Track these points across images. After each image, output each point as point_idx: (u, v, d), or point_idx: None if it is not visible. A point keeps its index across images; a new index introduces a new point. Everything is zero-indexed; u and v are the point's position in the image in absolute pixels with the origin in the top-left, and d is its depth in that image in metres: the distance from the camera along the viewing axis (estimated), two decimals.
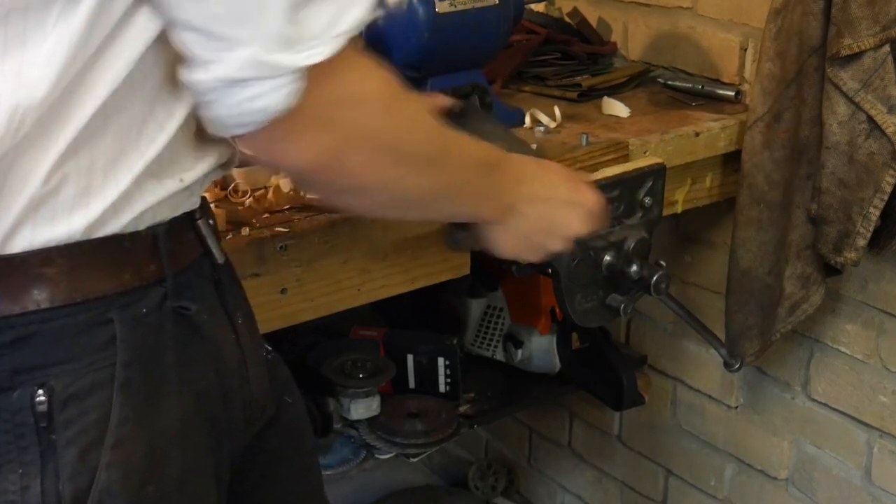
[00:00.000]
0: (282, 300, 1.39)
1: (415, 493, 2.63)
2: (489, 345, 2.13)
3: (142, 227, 0.93)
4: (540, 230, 1.19)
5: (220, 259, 1.02)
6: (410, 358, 2.00)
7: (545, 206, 1.18)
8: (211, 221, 1.02)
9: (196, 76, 0.88)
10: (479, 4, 1.62)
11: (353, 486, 2.57)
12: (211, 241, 1.01)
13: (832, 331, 1.91)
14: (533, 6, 2.06)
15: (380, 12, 1.51)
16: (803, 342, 1.96)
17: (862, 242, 1.69)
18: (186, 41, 0.87)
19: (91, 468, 0.91)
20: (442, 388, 2.00)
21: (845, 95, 1.64)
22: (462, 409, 2.02)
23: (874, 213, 1.66)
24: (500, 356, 2.13)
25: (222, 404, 1.02)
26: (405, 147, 0.98)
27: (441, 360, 1.99)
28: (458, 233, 1.31)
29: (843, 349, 1.90)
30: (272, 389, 1.15)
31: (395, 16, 1.57)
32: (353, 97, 0.92)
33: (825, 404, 1.95)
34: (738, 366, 1.67)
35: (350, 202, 1.05)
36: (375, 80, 0.94)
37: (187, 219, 0.98)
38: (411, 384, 2.00)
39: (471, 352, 2.14)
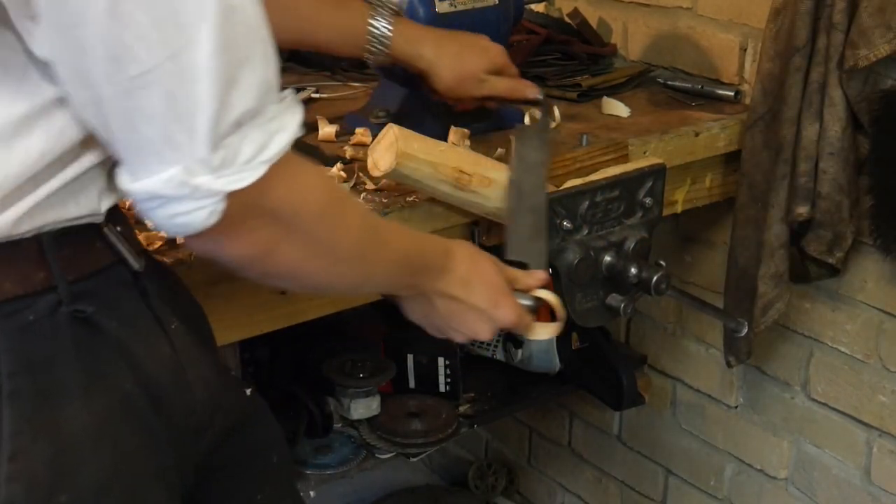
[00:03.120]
0: (282, 300, 1.39)
1: (415, 493, 2.63)
2: (489, 345, 2.13)
3: (21, 232, 0.91)
4: (444, 322, 1.24)
5: (136, 266, 1.01)
6: (410, 358, 2.00)
7: (456, 306, 1.22)
8: (120, 228, 1.00)
9: (125, 185, 0.91)
10: (479, 4, 1.62)
11: (353, 486, 2.57)
12: (123, 248, 0.99)
13: (832, 331, 1.91)
14: (533, 6, 2.06)
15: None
16: (803, 342, 1.96)
17: (850, 242, 1.75)
18: (113, 150, 0.90)
19: None
20: (442, 388, 2.00)
21: (851, 103, 1.66)
22: (462, 409, 2.02)
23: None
24: (500, 356, 2.13)
25: (152, 409, 1.00)
26: (334, 248, 1.04)
27: (441, 360, 1.99)
28: None
29: (842, 349, 1.90)
30: (231, 400, 1.14)
31: None
32: (287, 206, 0.96)
33: (825, 404, 1.95)
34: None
35: (276, 285, 1.19)
36: (312, 189, 0.99)
37: (90, 225, 0.97)
38: (411, 384, 2.00)
39: (471, 352, 2.14)
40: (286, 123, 0.93)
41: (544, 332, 1.32)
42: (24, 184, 0.90)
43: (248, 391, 1.20)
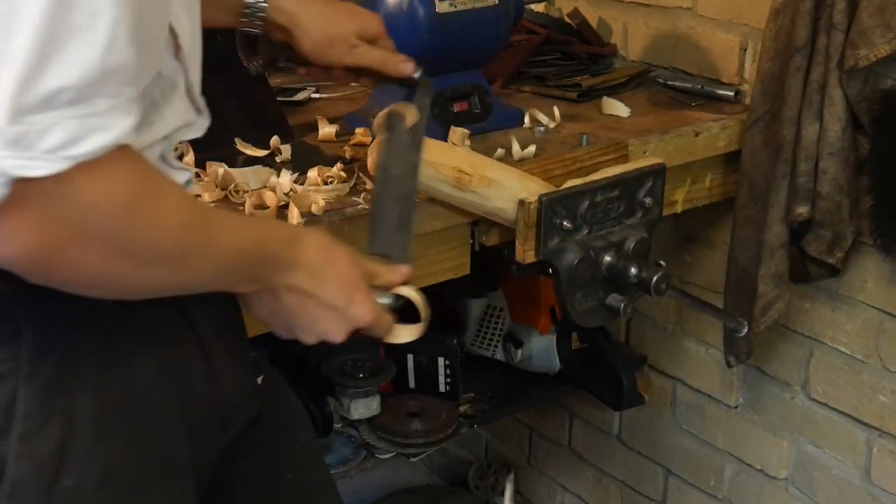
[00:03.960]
0: None
1: (415, 493, 2.63)
2: (489, 345, 2.13)
3: None
4: (292, 319, 1.08)
5: None
6: (410, 358, 2.00)
7: (304, 302, 1.06)
8: None
9: None
10: (479, 4, 1.62)
11: (353, 486, 2.57)
12: None
13: (832, 331, 1.91)
14: (533, 6, 2.06)
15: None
16: (803, 342, 1.96)
17: (850, 242, 1.74)
18: None
19: None
20: (442, 388, 2.00)
21: (851, 103, 1.66)
22: (462, 409, 2.02)
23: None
24: (500, 356, 2.13)
25: (172, 402, 1.00)
26: (143, 249, 0.90)
27: (441, 360, 1.99)
28: None
29: (842, 349, 1.90)
30: (255, 390, 1.14)
31: (395, 16, 1.57)
32: (83, 201, 0.84)
33: (825, 404, 1.95)
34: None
35: (77, 292, 0.93)
36: (116, 185, 0.86)
37: None
38: (411, 384, 2.01)
39: (471, 352, 2.14)
40: (111, 124, 0.83)
41: (405, 335, 1.16)
42: None
43: (260, 379, 1.19)
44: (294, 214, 1.36)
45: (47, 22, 0.77)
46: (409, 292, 1.16)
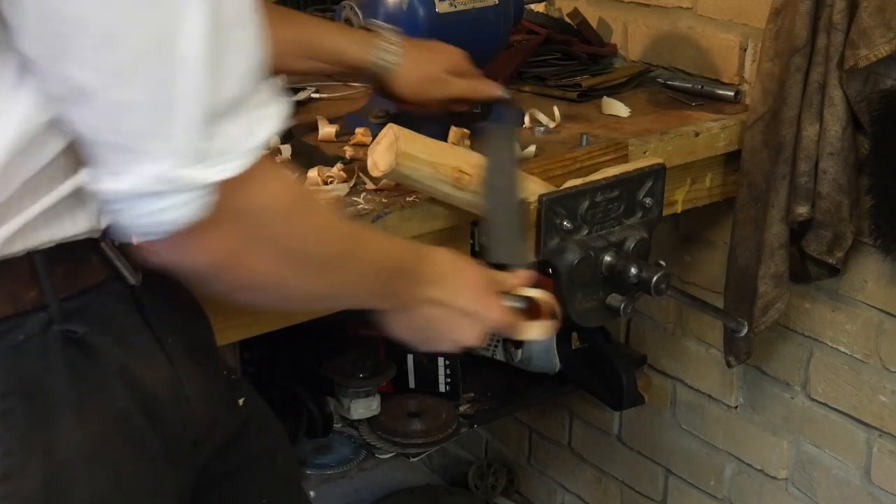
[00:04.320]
0: None
1: (415, 493, 2.63)
2: (489, 345, 2.13)
3: (14, 251, 0.90)
4: (431, 331, 1.17)
5: (132, 281, 0.99)
6: (410, 358, 2.00)
7: (442, 312, 1.16)
8: (117, 243, 0.97)
9: (105, 185, 0.86)
10: (479, 4, 1.62)
11: (353, 486, 2.57)
12: (120, 264, 0.97)
13: (832, 331, 1.91)
14: (533, 6, 2.06)
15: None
16: (803, 342, 1.96)
17: (850, 242, 1.74)
18: (94, 151, 0.86)
19: None
20: (442, 388, 2.00)
21: (851, 103, 1.66)
22: (462, 409, 2.02)
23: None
24: (500, 356, 2.13)
25: (149, 426, 0.99)
26: (304, 252, 0.98)
27: (441, 360, 1.99)
28: None
29: (842, 349, 1.90)
30: (231, 409, 1.14)
31: (395, 16, 1.57)
32: (257, 205, 0.92)
33: (825, 404, 1.95)
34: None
35: (247, 299, 1.02)
36: (280, 188, 0.94)
37: (87, 241, 0.94)
38: (411, 384, 2.01)
39: (471, 352, 2.14)
40: (272, 112, 0.90)
41: (536, 332, 1.26)
42: (9, 202, 0.87)
43: (241, 401, 1.18)
44: None
45: (209, 51, 0.83)
46: (535, 293, 1.26)
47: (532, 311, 1.26)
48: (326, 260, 1.01)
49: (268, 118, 0.90)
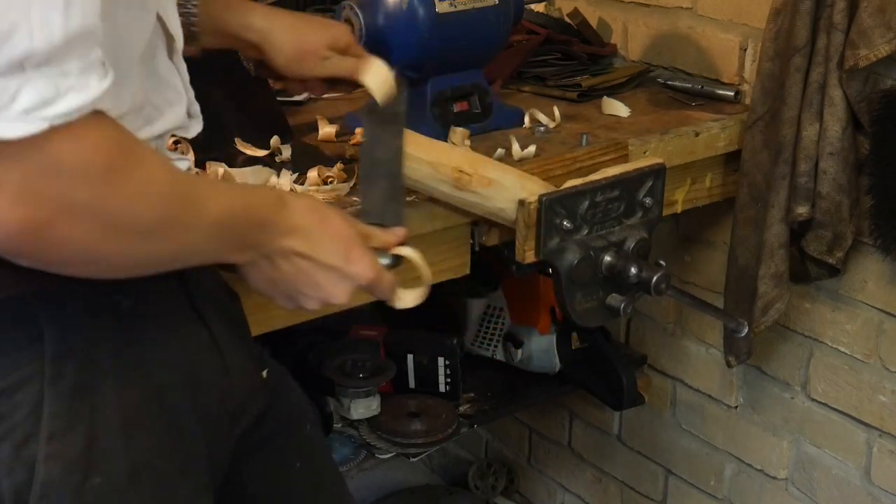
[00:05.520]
0: None
1: (415, 493, 2.63)
2: (489, 345, 2.13)
3: None
4: (294, 286, 1.06)
5: None
6: (410, 358, 2.00)
7: (303, 264, 1.04)
8: None
9: None
10: (479, 4, 1.62)
11: (353, 486, 2.56)
12: None
13: (832, 331, 1.91)
14: (533, 6, 2.06)
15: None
16: (803, 342, 1.96)
17: (850, 242, 1.74)
18: None
19: (28, 463, 0.92)
20: (442, 388, 2.00)
21: (851, 103, 1.66)
22: (462, 409, 2.02)
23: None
24: (500, 356, 2.13)
25: (188, 400, 1.02)
26: (125, 218, 0.88)
27: (441, 360, 1.99)
28: None
29: (842, 349, 1.90)
30: (261, 383, 1.16)
31: (395, 16, 1.57)
32: (64, 169, 0.83)
33: (825, 404, 1.95)
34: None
35: (65, 271, 0.91)
36: (95, 150, 0.84)
37: None
38: (411, 384, 2.01)
39: (471, 352, 2.14)
40: (86, 84, 0.82)
41: (409, 298, 1.14)
42: None
43: (265, 373, 1.21)
44: None
45: None
46: (408, 252, 1.14)
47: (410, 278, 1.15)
48: (159, 224, 0.91)
49: (78, 89, 0.81)
